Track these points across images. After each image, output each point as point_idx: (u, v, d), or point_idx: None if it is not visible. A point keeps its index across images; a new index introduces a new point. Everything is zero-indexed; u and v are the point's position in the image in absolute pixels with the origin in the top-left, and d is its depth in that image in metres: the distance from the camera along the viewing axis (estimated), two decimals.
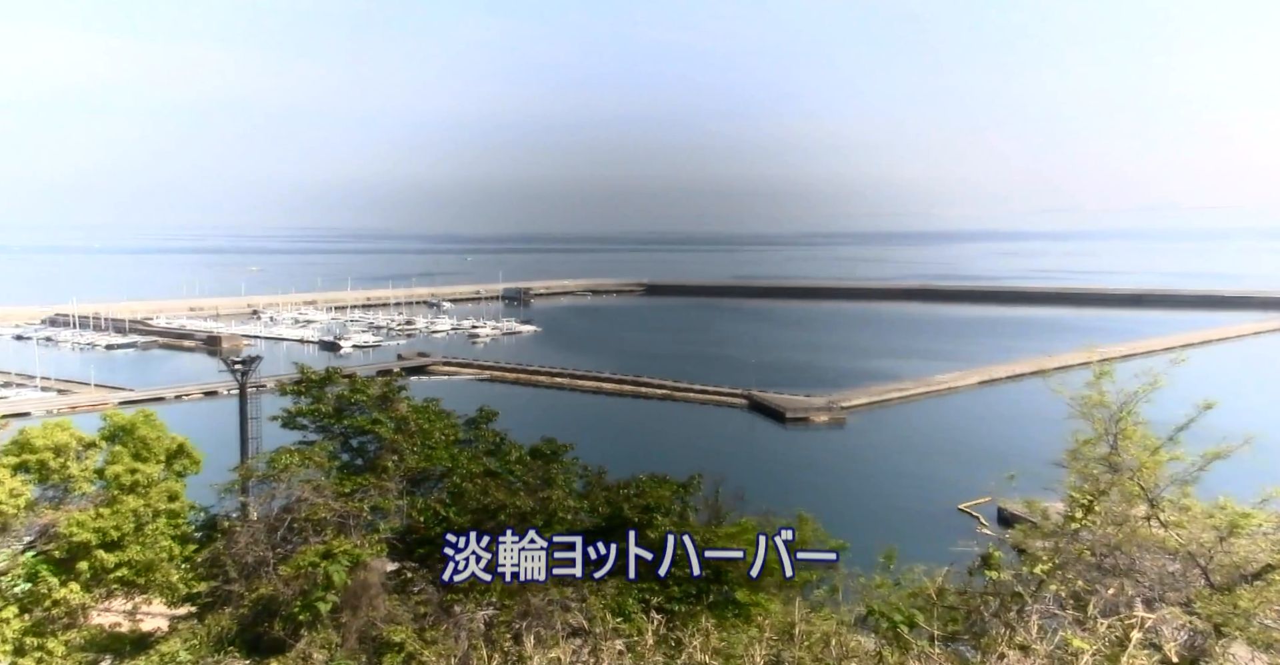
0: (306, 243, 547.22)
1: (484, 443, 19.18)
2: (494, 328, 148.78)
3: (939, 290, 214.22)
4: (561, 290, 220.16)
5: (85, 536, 14.42)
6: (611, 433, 77.93)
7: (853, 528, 22.18)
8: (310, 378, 19.58)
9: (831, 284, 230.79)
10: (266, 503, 15.94)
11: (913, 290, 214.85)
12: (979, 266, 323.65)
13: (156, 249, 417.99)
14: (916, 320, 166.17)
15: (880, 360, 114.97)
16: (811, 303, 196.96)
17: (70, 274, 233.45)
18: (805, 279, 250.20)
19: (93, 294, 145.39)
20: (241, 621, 13.97)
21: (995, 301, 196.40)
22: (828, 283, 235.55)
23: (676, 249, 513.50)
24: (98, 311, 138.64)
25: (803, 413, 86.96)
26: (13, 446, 15.34)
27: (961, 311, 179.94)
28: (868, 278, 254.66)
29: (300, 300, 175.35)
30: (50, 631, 14.23)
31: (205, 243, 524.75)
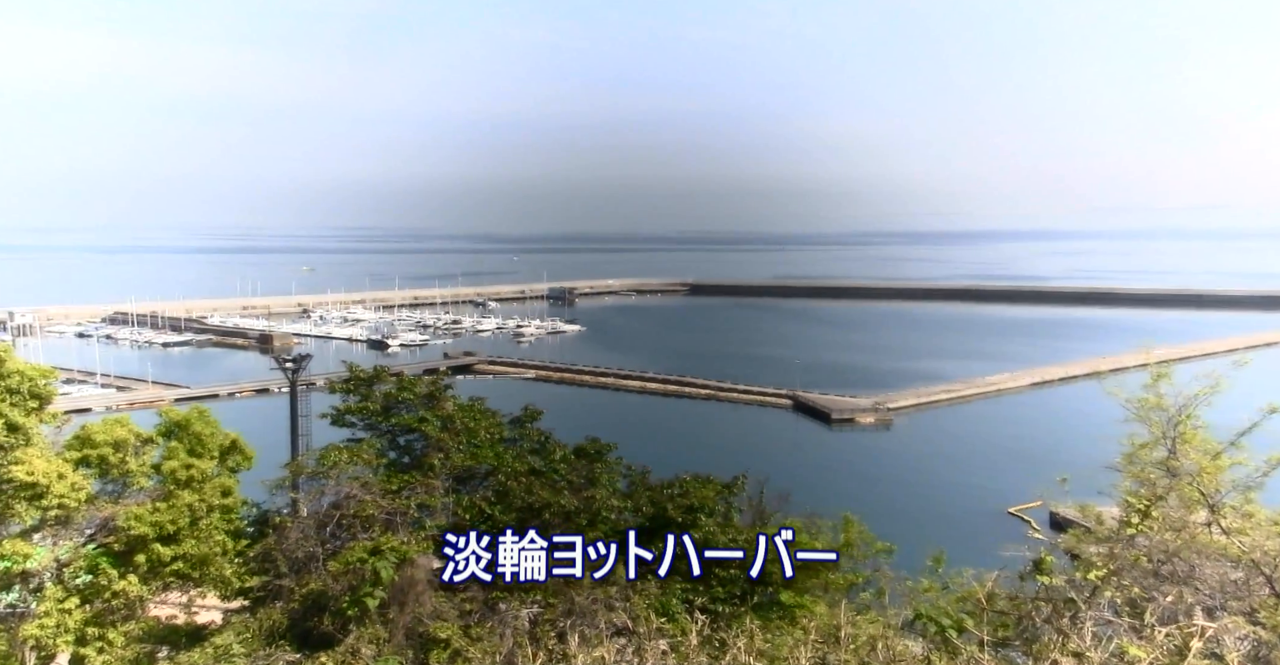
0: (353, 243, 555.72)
1: (528, 441, 19.29)
2: (539, 327, 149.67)
3: (987, 290, 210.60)
4: (605, 290, 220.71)
5: (143, 530, 14.77)
6: (655, 432, 77.91)
7: (899, 530, 21.90)
8: (359, 376, 19.87)
9: (877, 284, 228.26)
10: (316, 499, 16.19)
11: (960, 290, 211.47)
12: (1028, 266, 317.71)
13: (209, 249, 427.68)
14: (964, 320, 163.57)
15: (927, 361, 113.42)
16: (857, 303, 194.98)
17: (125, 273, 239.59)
18: (850, 279, 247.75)
19: (150, 293, 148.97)
20: (292, 616, 14.21)
21: (1046, 302, 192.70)
22: (873, 283, 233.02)
23: (720, 249, 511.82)
24: (155, 310, 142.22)
25: (849, 413, 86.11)
26: (75, 442, 15.79)
27: (1011, 312, 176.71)
28: (914, 278, 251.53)
29: (349, 299, 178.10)
30: (110, 622, 14.61)
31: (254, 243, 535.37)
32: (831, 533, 19.74)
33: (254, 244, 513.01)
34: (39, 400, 15.15)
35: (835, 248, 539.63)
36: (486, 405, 20.08)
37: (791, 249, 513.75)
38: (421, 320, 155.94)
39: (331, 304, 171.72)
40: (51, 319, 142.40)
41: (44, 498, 14.24)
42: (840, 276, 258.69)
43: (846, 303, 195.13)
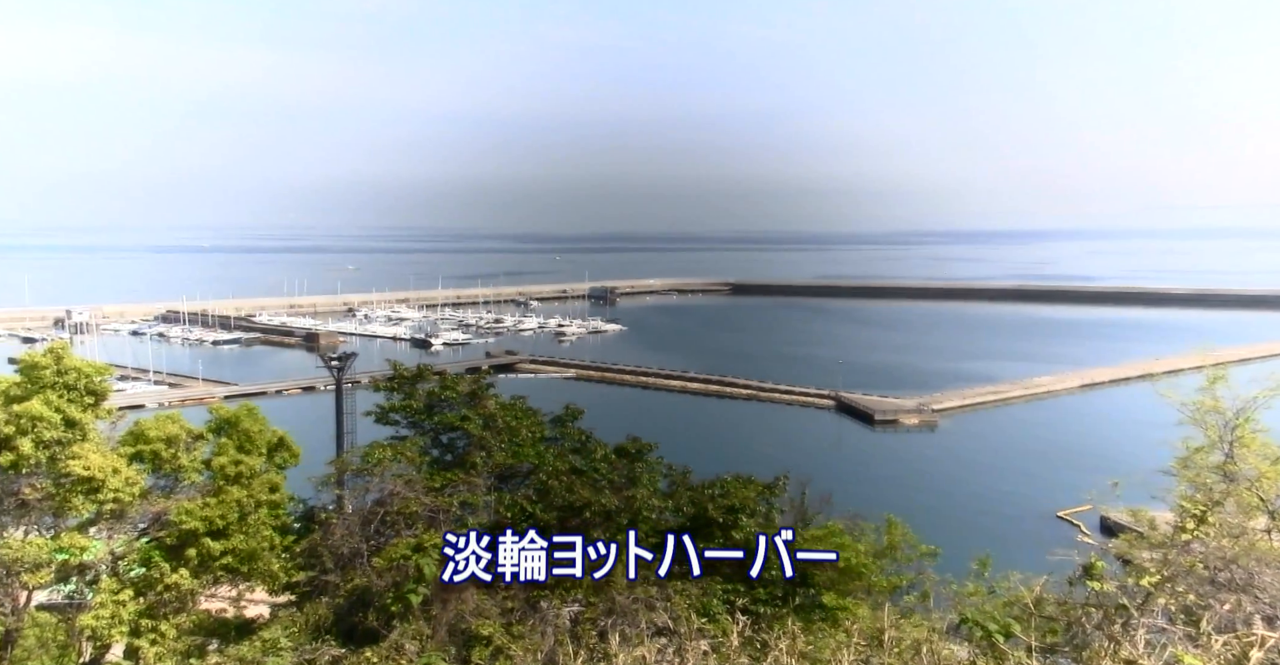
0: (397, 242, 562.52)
1: (569, 440, 19.33)
2: (580, 326, 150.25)
3: (1035, 290, 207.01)
4: (647, 289, 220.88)
5: (194, 525, 15.08)
6: (696, 432, 77.78)
7: (944, 533, 21.62)
8: (402, 374, 20.07)
9: (921, 284, 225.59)
10: (361, 496, 16.39)
11: (1007, 290, 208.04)
12: (1075, 266, 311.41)
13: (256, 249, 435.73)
14: (1011, 321, 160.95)
15: (973, 362, 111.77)
16: (901, 303, 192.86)
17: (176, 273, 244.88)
18: (894, 279, 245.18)
19: (200, 292, 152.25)
20: (337, 611, 14.40)
21: (1095, 302, 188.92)
22: (917, 282, 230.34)
23: (762, 248, 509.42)
24: (205, 309, 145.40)
25: (892, 415, 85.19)
26: (129, 437, 16.17)
27: (1059, 312, 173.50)
28: (959, 277, 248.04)
29: (393, 299, 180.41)
30: (162, 614, 14.93)
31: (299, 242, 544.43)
32: (875, 535, 19.53)
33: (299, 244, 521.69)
34: (95, 396, 15.54)
35: (879, 247, 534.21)
36: (528, 404, 20.16)
37: (835, 248, 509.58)
38: (464, 319, 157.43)
39: (376, 303, 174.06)
40: (107, 317, 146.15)
41: (100, 492, 14.60)
42: (883, 276, 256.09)
43: (890, 303, 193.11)
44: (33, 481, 14.73)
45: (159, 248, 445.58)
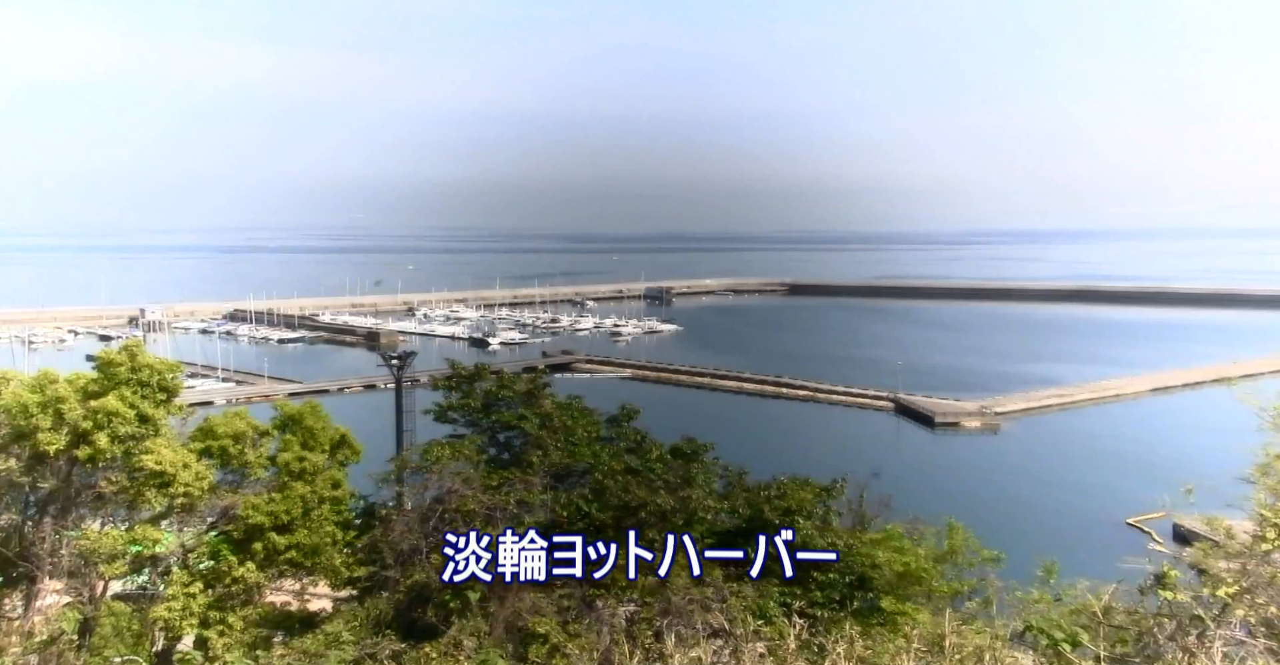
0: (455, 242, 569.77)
1: (625, 440, 19.33)
2: (636, 326, 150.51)
3: (1104, 291, 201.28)
4: (703, 290, 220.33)
5: (260, 519, 15.44)
6: (752, 433, 77.28)
7: (1007, 539, 21.14)
8: (460, 373, 20.29)
9: (983, 284, 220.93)
10: (420, 493, 16.61)
11: (1074, 291, 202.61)
12: (1150, 266, 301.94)
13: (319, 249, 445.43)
14: (1078, 322, 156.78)
15: (1038, 364, 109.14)
16: (962, 303, 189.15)
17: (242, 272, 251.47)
18: (955, 279, 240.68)
19: (266, 291, 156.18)
20: (397, 606, 14.62)
21: (1167, 303, 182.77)
22: (979, 283, 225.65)
23: (820, 248, 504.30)
24: (271, 308, 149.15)
25: (953, 417, 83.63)
26: (198, 433, 16.64)
27: (1130, 314, 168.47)
28: (1023, 278, 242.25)
29: (451, 298, 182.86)
30: (230, 607, 15.32)
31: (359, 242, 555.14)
32: (935, 539, 19.17)
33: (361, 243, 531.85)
34: (167, 393, 16.01)
35: (939, 247, 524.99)
36: (584, 403, 20.22)
37: (894, 248, 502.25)
38: (521, 319, 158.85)
39: (435, 302, 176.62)
40: (178, 315, 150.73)
41: (171, 486, 15.03)
42: (944, 277, 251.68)
43: (951, 303, 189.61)
44: (108, 475, 15.24)
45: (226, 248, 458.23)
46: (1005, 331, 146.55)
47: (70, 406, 14.45)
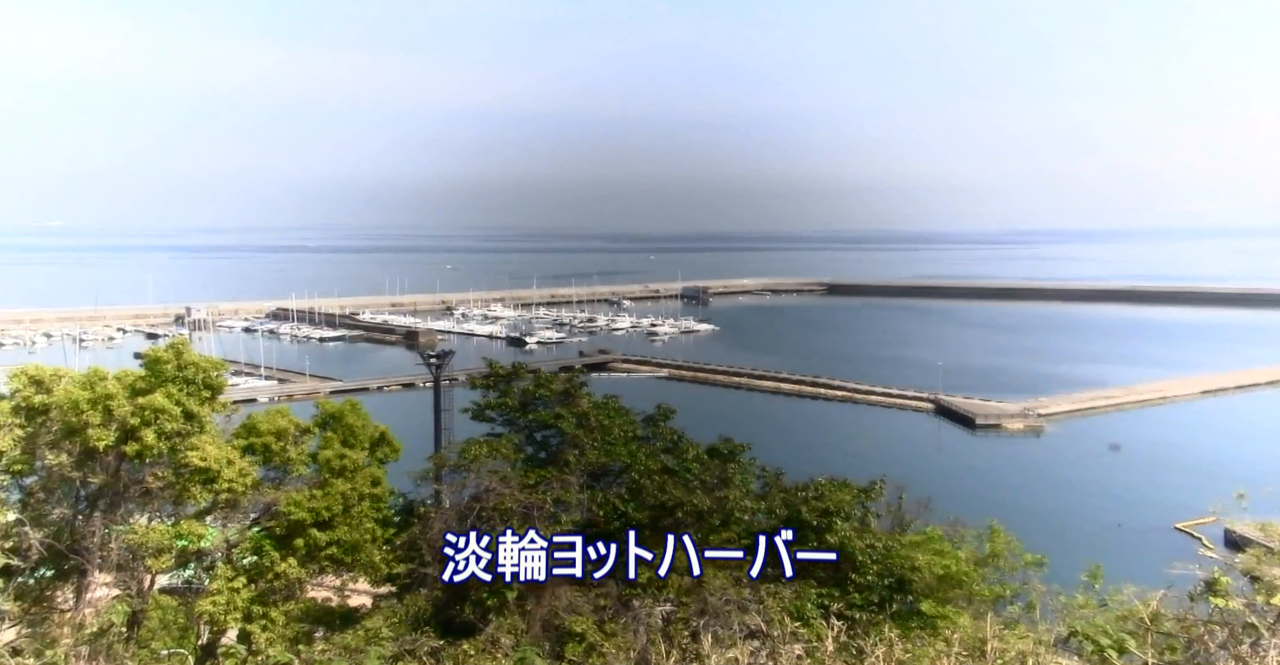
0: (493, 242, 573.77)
1: (662, 440, 19.30)
2: (672, 326, 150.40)
3: (1152, 291, 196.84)
4: (740, 289, 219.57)
5: (301, 516, 15.64)
6: (790, 434, 76.84)
7: (1050, 543, 20.78)
8: (498, 372, 20.41)
9: (1028, 284, 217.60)
10: (458, 491, 16.72)
11: (1121, 291, 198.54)
12: (1201, 265, 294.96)
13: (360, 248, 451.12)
14: (1126, 323, 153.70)
15: (1083, 366, 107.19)
16: (1005, 304, 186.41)
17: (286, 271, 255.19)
18: (998, 279, 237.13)
19: (308, 290, 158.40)
20: (436, 603, 14.74)
21: (1220, 304, 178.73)
22: (1023, 283, 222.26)
23: (859, 247, 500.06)
24: (313, 307, 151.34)
25: (995, 419, 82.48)
26: (242, 430, 16.89)
27: (1179, 314, 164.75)
28: (1068, 278, 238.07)
29: (489, 297, 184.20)
30: (272, 602, 15.54)
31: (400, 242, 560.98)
32: (976, 542, 18.89)
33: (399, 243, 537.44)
34: (212, 391, 16.27)
35: (981, 246, 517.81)
36: (620, 403, 20.23)
37: (935, 248, 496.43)
38: (558, 318, 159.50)
39: (473, 302, 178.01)
40: (222, 314, 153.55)
41: (215, 482, 15.28)
42: (987, 276, 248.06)
43: (993, 304, 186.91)
44: (155, 471, 15.52)
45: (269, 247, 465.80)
46: (1049, 332, 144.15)
47: (119, 403, 14.74)
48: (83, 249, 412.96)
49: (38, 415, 14.82)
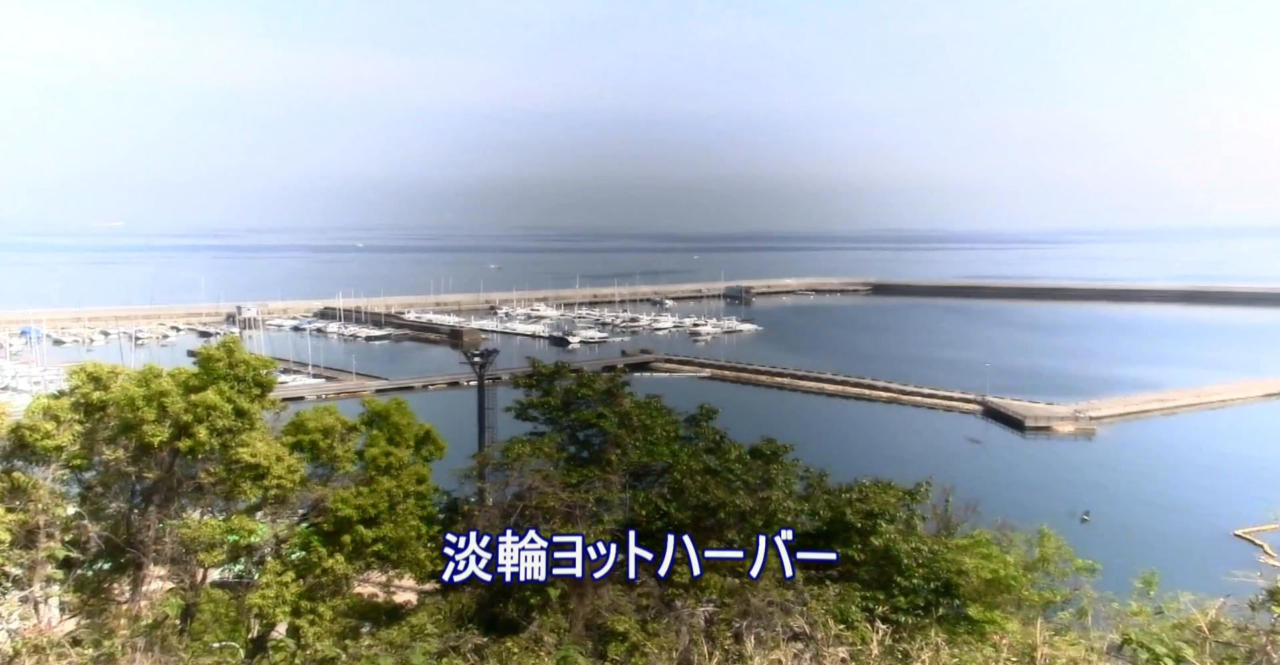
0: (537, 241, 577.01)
1: (704, 440, 19.25)
2: (715, 326, 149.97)
3: (1212, 292, 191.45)
4: (783, 289, 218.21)
5: (348, 512, 15.84)
6: (833, 435, 76.15)
7: (1102, 548, 20.34)
8: (541, 371, 20.51)
9: (1080, 285, 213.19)
10: (501, 489, 16.83)
11: (1179, 292, 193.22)
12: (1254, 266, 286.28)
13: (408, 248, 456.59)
14: (1182, 325, 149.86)
15: (1136, 368, 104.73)
16: (1057, 304, 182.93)
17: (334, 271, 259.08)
18: (1049, 279, 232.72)
19: (355, 289, 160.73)
20: (480, 600, 14.85)
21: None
22: (1074, 283, 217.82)
23: (905, 247, 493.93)
24: (360, 306, 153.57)
25: (1044, 421, 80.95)
26: (290, 427, 17.15)
27: (1239, 315, 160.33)
28: (1121, 278, 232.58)
29: (532, 297, 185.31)
30: (320, 597, 15.75)
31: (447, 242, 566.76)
32: (1025, 546, 18.54)
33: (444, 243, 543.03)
34: (261, 388, 16.54)
35: (1031, 246, 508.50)
36: (662, 403, 20.22)
37: (983, 247, 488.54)
38: (600, 318, 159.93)
39: (516, 301, 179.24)
40: (271, 313, 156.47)
41: (265, 478, 15.54)
42: (1037, 276, 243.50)
43: (1044, 304, 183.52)
44: (207, 467, 15.83)
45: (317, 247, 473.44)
46: (1100, 333, 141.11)
47: (173, 400, 15.06)
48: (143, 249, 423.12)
49: (96, 411, 15.19)
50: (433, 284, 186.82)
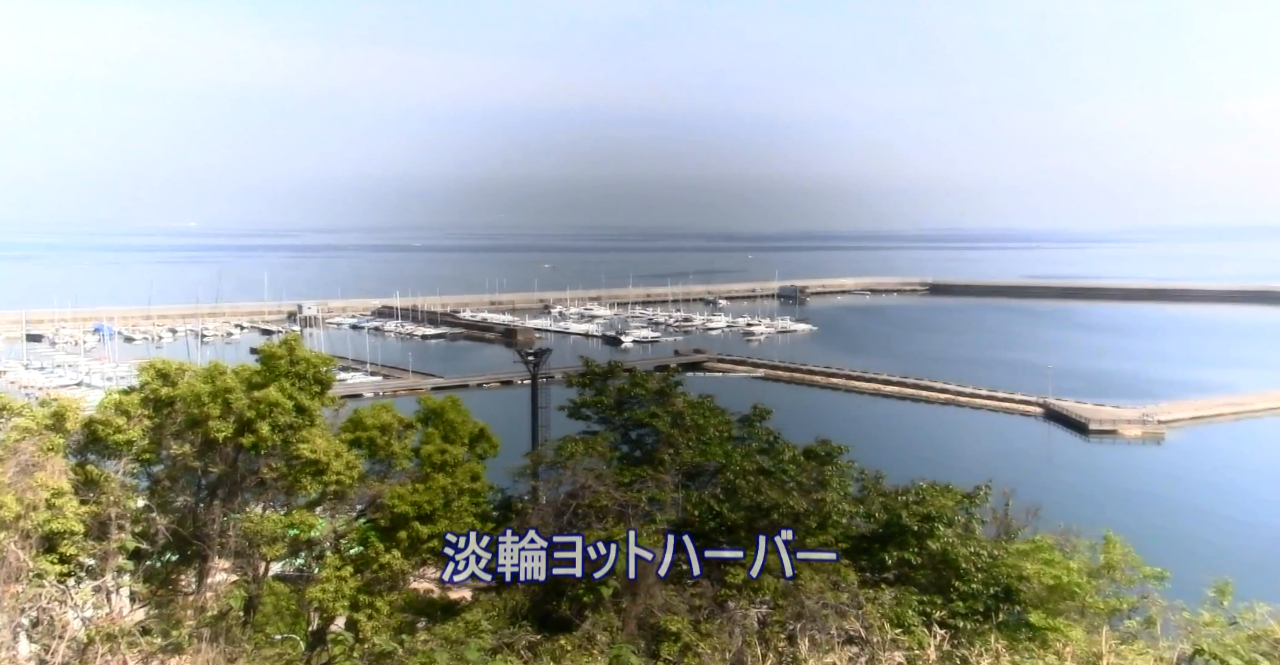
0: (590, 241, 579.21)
1: (757, 441, 19.13)
2: (769, 326, 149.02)
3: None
4: (839, 289, 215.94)
5: (404, 508, 16.08)
6: (890, 437, 75.02)
7: (1172, 556, 19.65)
8: (594, 371, 20.58)
9: (1148, 285, 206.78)
10: (554, 488, 16.92)
11: (1256, 292, 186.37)
12: None
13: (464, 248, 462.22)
14: (1258, 326, 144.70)
15: (1208, 370, 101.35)
16: (1121, 304, 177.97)
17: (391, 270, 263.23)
18: (1115, 279, 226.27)
19: (412, 288, 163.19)
20: (533, 598, 14.93)
21: None
22: (1143, 283, 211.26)
23: (964, 246, 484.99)
24: (416, 304, 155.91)
25: (1110, 425, 78.80)
26: (349, 424, 17.47)
27: None
28: (1191, 277, 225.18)
29: (586, 296, 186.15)
30: (377, 592, 16.02)
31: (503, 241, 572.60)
32: (1089, 553, 18.02)
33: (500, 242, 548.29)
34: (321, 385, 16.87)
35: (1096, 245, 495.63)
36: (715, 403, 20.14)
37: (1045, 246, 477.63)
38: (653, 317, 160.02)
39: (570, 300, 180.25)
40: (331, 311, 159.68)
41: (324, 474, 15.84)
42: (1102, 276, 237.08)
43: (1109, 304, 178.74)
44: (269, 462, 16.19)
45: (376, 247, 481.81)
46: (1171, 335, 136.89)
47: (237, 396, 15.44)
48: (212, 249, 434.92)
49: (164, 407, 15.64)
50: (487, 283, 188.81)
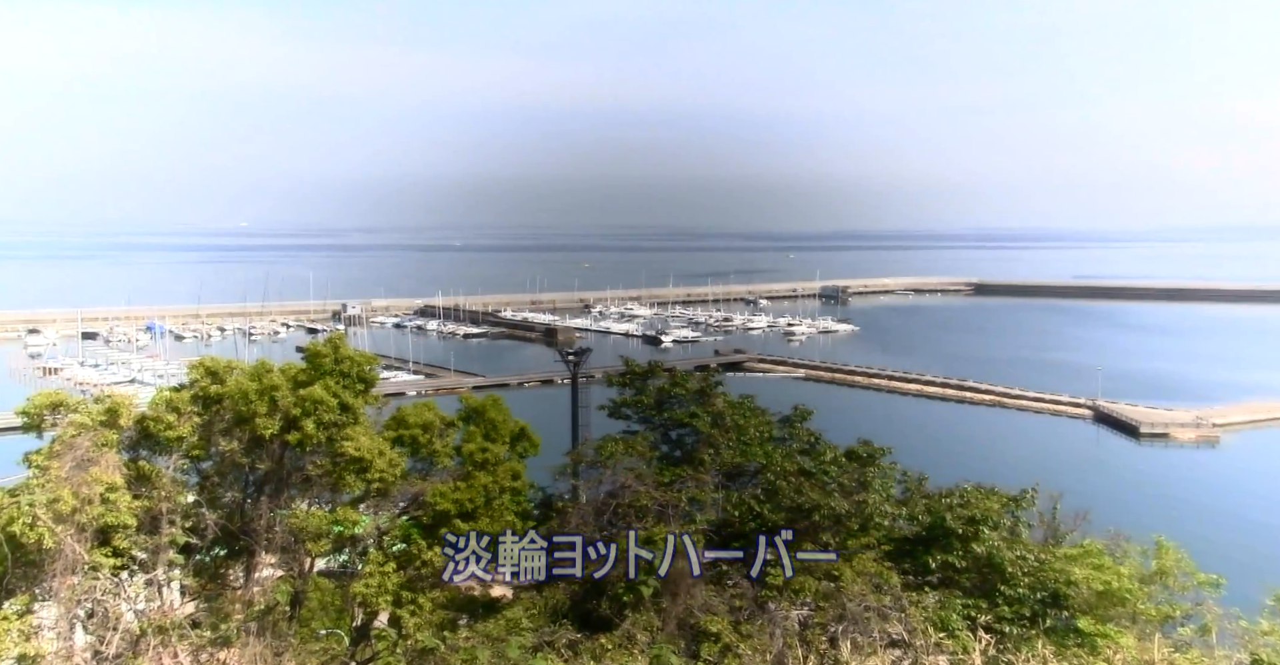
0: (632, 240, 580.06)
1: (798, 441, 18.98)
2: (810, 326, 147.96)
3: None
4: (881, 289, 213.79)
5: (446, 506, 16.19)
6: (933, 438, 74.02)
7: (1228, 563, 19.14)
8: (634, 370, 20.58)
9: (1199, 285, 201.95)
10: (594, 487, 16.94)
11: None
12: None
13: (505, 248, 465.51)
14: None
15: (1265, 372, 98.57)
16: (1173, 304, 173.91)
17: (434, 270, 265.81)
18: (1165, 279, 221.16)
19: (454, 288, 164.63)
20: (573, 597, 14.98)
21: None
22: (1194, 283, 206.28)
23: (1010, 246, 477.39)
24: (458, 304, 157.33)
25: (1161, 428, 76.99)
26: (392, 422, 17.66)
27: None
28: (1242, 278, 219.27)
29: (626, 296, 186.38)
30: (420, 588, 16.16)
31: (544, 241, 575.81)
32: (1141, 558, 17.64)
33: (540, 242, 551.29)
34: (365, 384, 17.08)
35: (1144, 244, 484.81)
36: (756, 403, 20.03)
37: (1084, 246, 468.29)
38: (694, 317, 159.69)
39: (610, 300, 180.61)
40: (374, 310, 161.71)
41: (368, 471, 16.02)
42: (1151, 276, 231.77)
43: (1160, 304, 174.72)
44: (314, 459, 16.42)
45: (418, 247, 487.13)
46: (1225, 336, 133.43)
47: (283, 394, 15.68)
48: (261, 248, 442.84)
49: (213, 404, 15.94)
50: (528, 282, 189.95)
